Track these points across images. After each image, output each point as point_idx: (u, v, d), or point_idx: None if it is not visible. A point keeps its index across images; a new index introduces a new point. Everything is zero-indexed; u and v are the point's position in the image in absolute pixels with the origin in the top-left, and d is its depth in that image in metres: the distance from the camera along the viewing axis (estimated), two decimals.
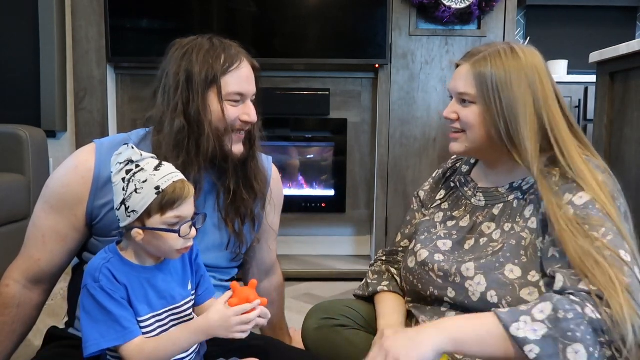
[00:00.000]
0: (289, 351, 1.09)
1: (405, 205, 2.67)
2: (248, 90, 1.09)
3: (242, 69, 1.08)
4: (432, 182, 1.25)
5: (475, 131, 1.02)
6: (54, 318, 1.91)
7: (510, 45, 1.02)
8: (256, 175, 1.16)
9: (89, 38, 2.57)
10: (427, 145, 2.66)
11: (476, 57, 1.02)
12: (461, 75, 1.03)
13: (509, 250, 0.95)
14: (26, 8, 2.61)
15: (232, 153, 1.09)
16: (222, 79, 1.05)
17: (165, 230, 0.87)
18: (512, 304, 0.90)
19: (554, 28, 3.25)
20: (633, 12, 3.29)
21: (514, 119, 0.97)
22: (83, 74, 2.58)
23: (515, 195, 1.04)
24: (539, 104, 0.98)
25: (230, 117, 1.06)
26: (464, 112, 1.03)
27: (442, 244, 1.06)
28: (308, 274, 2.46)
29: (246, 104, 1.10)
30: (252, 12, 2.54)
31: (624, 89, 1.69)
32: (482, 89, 0.99)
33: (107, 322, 0.85)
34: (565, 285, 0.83)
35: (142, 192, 0.86)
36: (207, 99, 1.05)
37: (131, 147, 0.89)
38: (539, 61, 1.02)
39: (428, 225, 1.13)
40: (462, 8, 2.50)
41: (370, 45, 2.57)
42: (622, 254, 0.84)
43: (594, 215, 0.87)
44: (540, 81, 0.99)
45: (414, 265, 1.06)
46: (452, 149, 1.08)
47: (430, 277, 1.03)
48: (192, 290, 0.98)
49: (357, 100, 2.73)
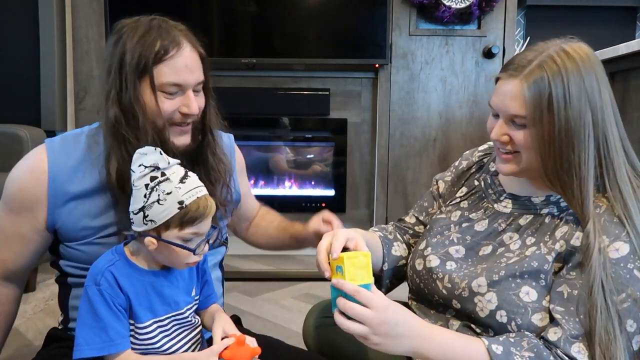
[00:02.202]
0: (288, 351, 1.08)
1: (405, 205, 2.67)
2: (186, 80, 0.97)
3: (179, 56, 0.97)
4: (454, 174, 1.15)
5: (532, 154, 0.89)
6: (54, 318, 1.91)
7: (560, 46, 0.87)
8: (218, 164, 1.09)
9: (89, 38, 2.57)
10: (427, 145, 2.66)
11: (527, 68, 0.86)
12: (512, 93, 0.88)
13: (529, 272, 0.88)
14: (26, 8, 2.61)
15: (174, 145, 0.99)
16: (155, 68, 0.95)
17: (180, 246, 0.84)
18: (522, 326, 0.87)
19: (554, 28, 3.25)
20: (633, 12, 3.29)
21: (570, 145, 0.85)
22: (83, 74, 2.59)
23: (549, 209, 0.94)
24: (597, 120, 0.85)
25: (166, 110, 0.97)
26: (518, 135, 0.89)
27: (454, 251, 1.00)
28: (308, 274, 2.46)
29: (186, 95, 0.99)
30: (252, 12, 2.54)
31: (624, 89, 1.69)
32: (536, 111, 0.85)
33: (95, 329, 0.82)
34: (559, 343, 0.83)
35: (164, 204, 0.82)
36: (139, 89, 0.96)
37: (159, 152, 0.85)
38: (596, 60, 0.87)
39: (442, 226, 1.06)
40: (462, 8, 2.50)
41: (370, 45, 2.57)
42: (629, 324, 0.83)
43: (622, 275, 0.83)
44: (598, 89, 0.86)
45: (422, 269, 1.03)
46: (503, 171, 0.95)
47: (437, 285, 0.99)
48: (196, 297, 0.96)
49: (357, 100, 2.73)
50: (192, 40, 1.01)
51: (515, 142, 0.90)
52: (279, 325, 2.02)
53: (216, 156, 1.10)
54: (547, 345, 0.84)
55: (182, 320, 0.92)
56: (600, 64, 0.88)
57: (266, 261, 2.71)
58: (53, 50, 2.59)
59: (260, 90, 2.65)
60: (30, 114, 2.62)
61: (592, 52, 0.89)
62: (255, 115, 2.67)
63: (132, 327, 0.87)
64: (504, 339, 0.85)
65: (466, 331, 0.94)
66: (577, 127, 0.84)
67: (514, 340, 0.84)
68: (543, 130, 0.86)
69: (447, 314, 0.99)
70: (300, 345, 1.16)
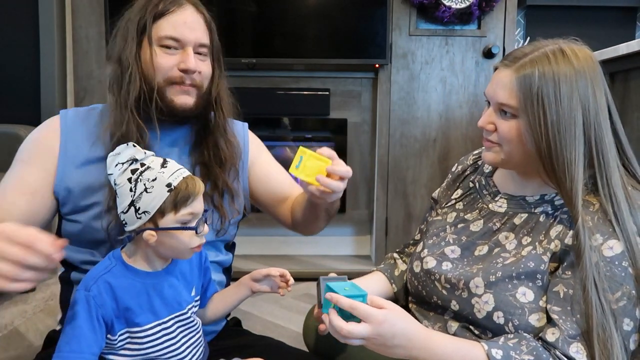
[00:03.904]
0: (290, 353, 1.08)
1: (405, 205, 2.68)
2: (184, 35, 0.99)
3: (179, 14, 1.00)
4: (449, 179, 1.17)
5: (513, 147, 0.91)
6: (54, 318, 1.91)
7: (559, 46, 0.88)
8: (227, 144, 1.10)
9: (89, 38, 2.57)
10: (427, 145, 2.66)
11: (521, 60, 0.88)
12: (503, 82, 0.90)
13: (525, 273, 0.88)
14: (26, 8, 2.61)
15: (173, 105, 1.01)
16: (155, 23, 0.99)
17: (181, 229, 0.82)
18: (519, 327, 0.87)
19: (554, 28, 3.25)
20: (633, 12, 3.28)
21: (559, 141, 0.85)
22: (83, 74, 2.59)
23: (544, 208, 0.94)
24: (588, 122, 0.86)
25: (163, 64, 0.99)
26: (503, 125, 0.91)
27: (449, 251, 1.00)
28: (308, 274, 2.46)
29: (185, 51, 1.00)
30: (252, 12, 2.54)
31: (624, 89, 1.69)
32: (526, 103, 0.87)
33: (68, 335, 0.79)
34: (557, 343, 0.83)
35: (153, 192, 0.81)
36: (140, 45, 0.99)
37: (132, 145, 0.85)
38: (593, 65, 0.88)
39: (438, 227, 1.07)
40: (462, 8, 2.50)
41: (370, 45, 2.57)
42: (626, 322, 0.83)
43: (617, 274, 0.83)
44: (593, 92, 0.86)
45: (419, 271, 1.03)
46: (486, 159, 0.97)
47: (436, 286, 0.99)
48: (197, 297, 0.95)
49: (357, 100, 2.73)
50: (197, 3, 1.03)
51: (499, 132, 0.92)
52: (279, 325, 2.02)
53: (226, 137, 1.10)
54: (546, 346, 0.84)
55: (185, 322, 0.90)
56: (599, 68, 0.88)
57: (266, 261, 2.71)
58: (53, 50, 2.58)
59: (260, 90, 2.65)
60: (30, 114, 2.62)
61: (593, 56, 0.89)
62: (255, 116, 2.66)
63: (129, 334, 0.85)
64: (503, 342, 0.85)
65: (465, 332, 0.94)
66: (567, 124, 0.85)
67: (513, 344, 0.84)
68: (535, 120, 0.86)
69: (446, 316, 0.99)
70: (300, 345, 1.16)
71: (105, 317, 0.81)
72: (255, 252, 2.83)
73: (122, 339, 0.84)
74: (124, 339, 0.85)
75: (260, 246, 2.83)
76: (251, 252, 2.81)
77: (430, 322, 1.01)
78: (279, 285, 1.00)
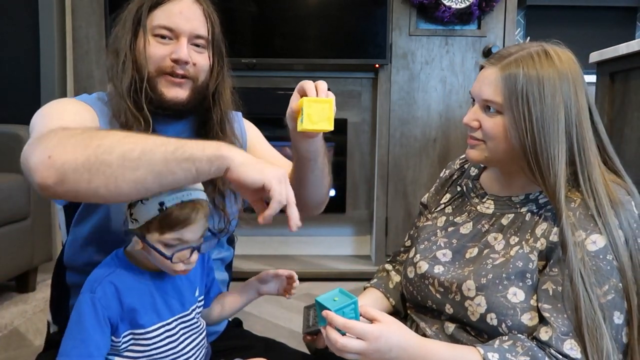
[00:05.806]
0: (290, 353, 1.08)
1: (405, 205, 2.68)
2: (178, 25, 0.98)
3: (176, 3, 0.99)
4: (437, 184, 1.18)
5: (497, 143, 0.93)
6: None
7: (543, 47, 0.92)
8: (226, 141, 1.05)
9: (89, 38, 2.57)
10: (427, 145, 2.66)
11: (506, 59, 0.91)
12: (488, 79, 0.92)
13: (515, 273, 0.89)
14: (26, 8, 2.61)
15: (163, 98, 0.98)
16: (151, 13, 0.98)
17: (158, 252, 0.80)
18: (512, 328, 0.88)
19: (554, 28, 3.25)
20: (633, 12, 3.29)
21: (543, 137, 0.88)
22: (83, 74, 2.59)
23: (529, 207, 0.96)
24: (570, 120, 0.89)
25: (154, 53, 0.97)
26: (487, 122, 0.93)
27: (441, 255, 1.01)
28: (308, 274, 2.46)
29: (179, 42, 0.98)
30: (252, 12, 2.54)
31: (623, 89, 1.69)
32: (511, 99, 0.89)
33: (75, 339, 0.78)
34: (551, 342, 0.83)
35: (147, 204, 0.79)
36: (136, 34, 0.99)
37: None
38: (575, 67, 0.91)
39: (429, 232, 1.08)
40: (462, 8, 2.50)
41: (370, 45, 2.57)
42: (616, 315, 0.84)
43: (603, 267, 0.84)
44: (575, 92, 0.89)
45: (413, 276, 1.04)
46: (469, 156, 0.99)
47: (430, 290, 1.00)
48: (200, 297, 0.94)
49: (357, 100, 2.74)
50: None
51: (483, 129, 0.94)
52: (279, 325, 2.03)
53: (226, 133, 1.08)
54: (541, 345, 0.84)
55: (189, 323, 0.90)
56: (580, 71, 0.92)
57: (266, 261, 2.71)
58: (53, 50, 2.59)
59: (260, 90, 2.66)
60: (30, 114, 2.60)
61: (574, 59, 0.93)
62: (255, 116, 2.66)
63: (133, 336, 0.84)
64: (498, 345, 0.85)
65: (462, 332, 0.95)
66: (550, 121, 0.88)
67: (508, 346, 0.84)
68: (520, 116, 0.89)
69: (442, 317, 1.00)
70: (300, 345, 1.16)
71: (111, 318, 0.81)
72: (255, 252, 2.83)
73: (125, 341, 0.84)
74: (127, 340, 0.84)
75: (260, 246, 2.83)
76: (251, 252, 2.81)
77: (428, 324, 1.01)
78: (286, 286, 1.00)
